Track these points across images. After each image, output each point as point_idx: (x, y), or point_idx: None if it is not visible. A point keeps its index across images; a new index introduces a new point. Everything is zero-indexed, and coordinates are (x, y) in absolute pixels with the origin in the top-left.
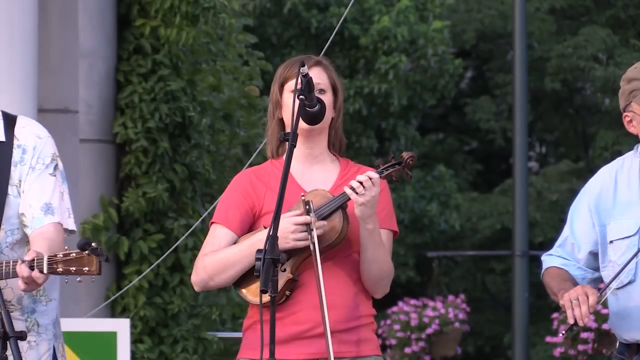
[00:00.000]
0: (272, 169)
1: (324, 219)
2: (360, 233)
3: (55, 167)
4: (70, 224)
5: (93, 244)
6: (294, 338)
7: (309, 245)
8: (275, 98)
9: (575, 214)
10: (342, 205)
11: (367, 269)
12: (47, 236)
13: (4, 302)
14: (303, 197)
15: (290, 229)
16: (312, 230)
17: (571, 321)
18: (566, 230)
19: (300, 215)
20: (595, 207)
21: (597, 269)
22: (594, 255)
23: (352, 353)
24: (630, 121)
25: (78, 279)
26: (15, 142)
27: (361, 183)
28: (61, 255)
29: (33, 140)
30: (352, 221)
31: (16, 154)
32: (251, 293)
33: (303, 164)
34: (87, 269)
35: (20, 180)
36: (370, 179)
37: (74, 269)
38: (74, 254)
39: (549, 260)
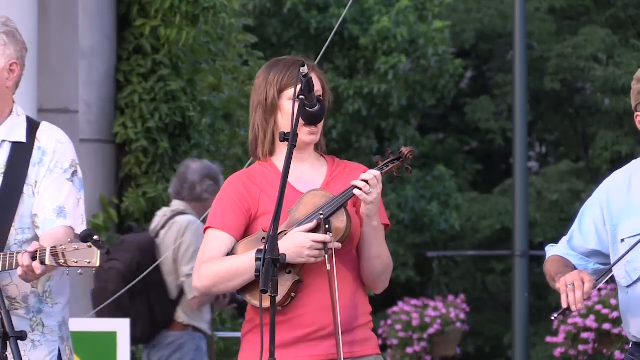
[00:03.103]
0: (262, 170)
1: (327, 217)
2: (365, 230)
3: (74, 174)
4: None
5: (95, 237)
6: (301, 340)
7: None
8: (271, 102)
9: (586, 211)
10: (344, 204)
11: (372, 264)
12: (56, 237)
13: (4, 302)
14: (321, 215)
15: (307, 245)
16: (330, 249)
17: (564, 305)
18: (575, 227)
19: (314, 226)
20: (608, 207)
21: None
22: (597, 254)
23: (352, 353)
24: None
25: (79, 272)
26: (36, 144)
27: (366, 181)
28: (63, 247)
29: (54, 144)
30: (352, 219)
31: (35, 155)
32: (256, 298)
33: (292, 164)
34: (88, 261)
35: (36, 182)
36: (375, 176)
37: (75, 260)
38: (75, 246)
39: (552, 249)
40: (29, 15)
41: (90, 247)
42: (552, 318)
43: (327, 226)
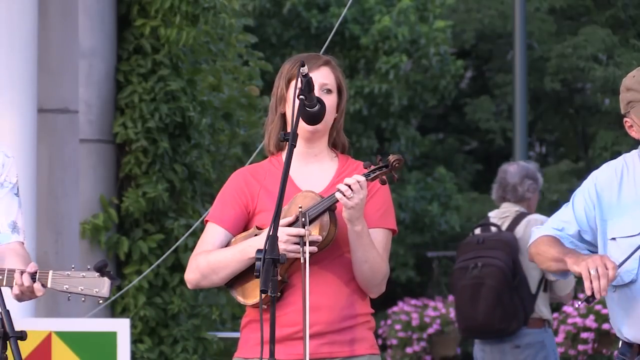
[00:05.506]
0: (270, 167)
1: (311, 221)
2: (349, 235)
3: (18, 189)
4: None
5: (108, 269)
6: (285, 339)
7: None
8: (280, 93)
9: (577, 199)
10: (330, 207)
11: (359, 269)
12: (20, 252)
13: (4, 302)
14: (300, 209)
15: (282, 239)
16: (305, 244)
17: (589, 293)
18: (566, 211)
19: (293, 221)
20: (598, 200)
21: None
22: (586, 241)
23: (344, 353)
24: (631, 126)
25: (82, 299)
26: None
27: (349, 186)
28: (67, 273)
29: (2, 158)
30: (342, 223)
31: None
32: (241, 294)
33: (301, 162)
34: (97, 290)
35: None
36: (358, 182)
37: (82, 288)
38: (83, 274)
39: (540, 231)
40: (29, 15)
41: (101, 277)
42: (576, 306)
43: (303, 219)
